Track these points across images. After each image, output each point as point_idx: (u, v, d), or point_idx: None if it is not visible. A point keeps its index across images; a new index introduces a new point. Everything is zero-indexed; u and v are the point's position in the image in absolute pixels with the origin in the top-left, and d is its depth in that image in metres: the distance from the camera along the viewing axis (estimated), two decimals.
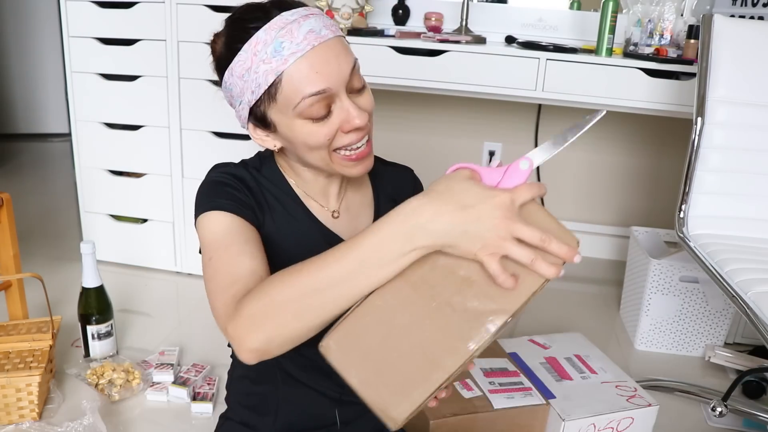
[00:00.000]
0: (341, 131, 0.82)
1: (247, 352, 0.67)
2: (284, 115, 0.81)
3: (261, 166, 0.94)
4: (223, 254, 0.78)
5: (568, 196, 2.60)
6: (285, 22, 0.78)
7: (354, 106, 0.81)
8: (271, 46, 0.77)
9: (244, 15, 0.81)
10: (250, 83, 0.80)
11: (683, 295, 1.84)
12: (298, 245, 0.90)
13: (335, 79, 0.79)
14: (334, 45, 0.79)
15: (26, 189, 3.08)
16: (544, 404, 1.35)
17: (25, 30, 3.77)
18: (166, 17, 1.97)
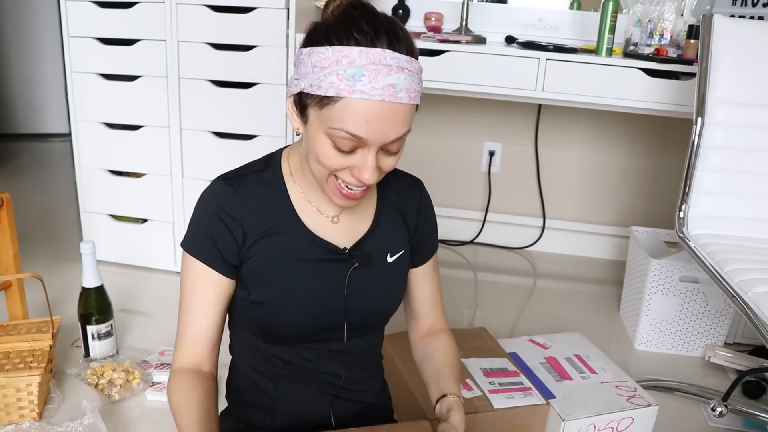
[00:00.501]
0: (350, 170, 0.84)
1: None
2: (319, 123, 0.82)
3: (264, 169, 0.95)
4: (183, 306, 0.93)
5: (568, 196, 2.60)
6: (380, 60, 0.78)
7: (373, 166, 0.83)
8: (354, 70, 0.77)
9: (361, 18, 0.80)
10: (314, 78, 0.80)
11: (683, 295, 1.84)
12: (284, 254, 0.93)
13: (377, 138, 0.80)
14: (400, 111, 0.80)
15: (26, 189, 3.08)
16: (544, 404, 1.35)
17: (25, 30, 3.78)
18: (166, 17, 1.97)
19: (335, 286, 0.94)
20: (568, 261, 2.58)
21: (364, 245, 0.96)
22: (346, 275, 0.94)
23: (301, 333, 0.95)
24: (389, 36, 0.79)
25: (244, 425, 1.03)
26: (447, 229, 2.65)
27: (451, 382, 1.00)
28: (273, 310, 0.92)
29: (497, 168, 2.60)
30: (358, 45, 0.78)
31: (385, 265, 0.98)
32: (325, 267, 0.93)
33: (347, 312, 0.95)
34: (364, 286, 0.96)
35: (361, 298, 0.96)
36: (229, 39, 1.97)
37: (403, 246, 1.01)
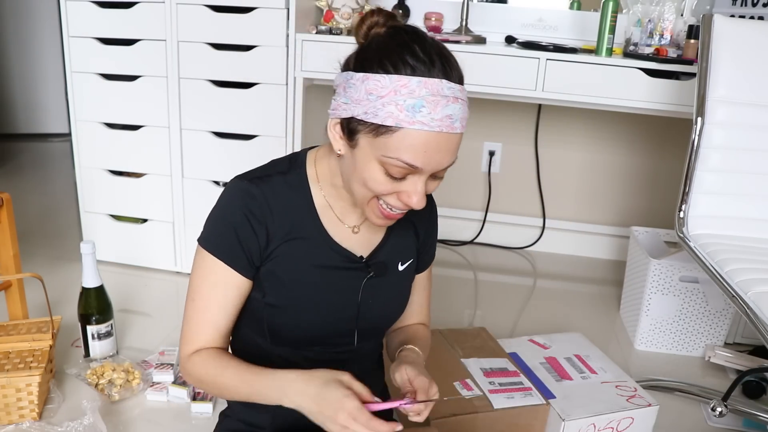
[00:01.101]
0: (397, 195, 0.84)
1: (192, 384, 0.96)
2: (370, 149, 0.81)
3: (288, 170, 0.94)
4: (203, 307, 0.93)
5: (568, 196, 2.60)
6: (438, 90, 0.78)
7: (423, 191, 0.84)
8: (413, 101, 0.77)
9: (414, 43, 0.80)
10: (369, 106, 0.79)
11: (683, 295, 1.84)
12: (304, 258, 0.93)
13: (431, 167, 0.81)
14: (454, 140, 0.81)
15: (26, 189, 3.08)
16: (544, 404, 1.35)
17: (25, 30, 3.78)
18: (166, 17, 1.97)
19: (349, 294, 0.96)
20: (568, 261, 2.58)
21: (379, 254, 0.98)
22: (360, 283, 0.96)
23: (312, 336, 0.96)
24: (443, 64, 0.80)
25: (243, 425, 1.03)
26: (447, 229, 2.65)
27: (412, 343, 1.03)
28: (287, 314, 0.93)
29: (497, 168, 2.60)
30: (414, 73, 0.78)
31: (397, 273, 1.01)
32: (341, 274, 0.95)
33: (359, 319, 0.97)
34: (377, 294, 0.98)
35: (372, 306, 0.98)
36: (229, 39, 1.97)
37: (412, 255, 1.03)
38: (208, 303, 0.92)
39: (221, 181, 2.11)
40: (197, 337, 0.93)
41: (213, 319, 0.92)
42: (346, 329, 0.97)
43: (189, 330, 0.93)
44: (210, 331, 0.93)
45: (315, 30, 2.02)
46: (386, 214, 0.87)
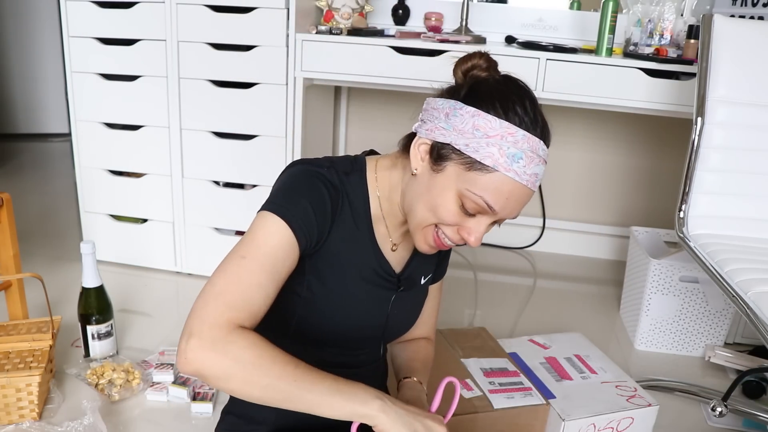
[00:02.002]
0: (458, 229, 0.87)
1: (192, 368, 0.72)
2: (456, 179, 0.84)
3: (351, 172, 0.94)
4: (255, 269, 0.79)
5: (568, 196, 2.60)
6: (536, 149, 0.82)
7: (483, 232, 0.87)
8: (515, 150, 0.81)
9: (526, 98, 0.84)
10: (473, 141, 0.82)
11: (683, 295, 1.84)
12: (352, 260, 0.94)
13: (505, 213, 0.85)
14: (528, 196, 0.85)
15: (26, 189, 3.08)
16: (544, 404, 1.35)
17: (25, 30, 3.77)
18: (166, 17, 1.97)
19: (380, 304, 0.99)
20: (568, 261, 2.58)
21: (409, 269, 1.01)
22: (391, 296, 0.99)
23: (336, 339, 0.97)
24: (544, 126, 0.84)
25: (246, 421, 1.03)
26: None
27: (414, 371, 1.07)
28: (321, 312, 0.93)
29: None
30: (521, 126, 0.82)
31: (420, 287, 1.05)
32: (378, 285, 0.97)
33: (386, 329, 1.01)
34: (403, 306, 1.02)
35: (397, 317, 1.01)
36: (229, 39, 1.97)
37: (432, 269, 1.08)
38: (263, 264, 0.80)
39: (221, 181, 2.11)
40: (245, 302, 0.77)
41: (265, 284, 0.79)
42: (369, 337, 1.01)
43: (233, 291, 0.77)
44: (261, 298, 0.78)
45: (315, 30, 2.02)
46: (438, 243, 0.89)
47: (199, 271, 2.18)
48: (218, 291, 0.76)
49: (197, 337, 0.72)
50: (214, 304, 0.75)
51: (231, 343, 0.72)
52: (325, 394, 0.75)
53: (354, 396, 0.76)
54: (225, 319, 0.74)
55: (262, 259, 0.80)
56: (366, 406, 0.76)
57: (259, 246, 0.81)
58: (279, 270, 0.81)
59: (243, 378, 0.73)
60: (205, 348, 0.72)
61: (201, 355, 0.72)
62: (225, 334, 0.73)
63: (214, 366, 0.72)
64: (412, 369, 1.08)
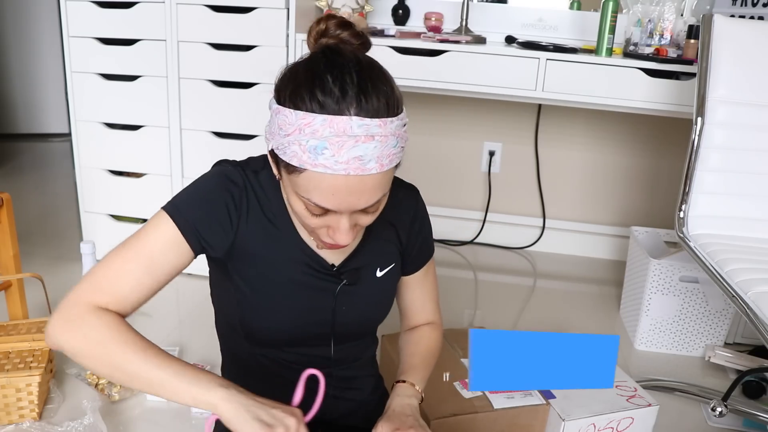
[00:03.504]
0: (326, 229, 0.81)
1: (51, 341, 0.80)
2: (288, 184, 0.79)
3: (262, 169, 0.90)
4: (129, 258, 0.83)
5: (568, 196, 2.60)
6: (344, 130, 0.71)
7: (347, 228, 0.79)
8: (316, 142, 0.71)
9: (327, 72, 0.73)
10: (279, 142, 0.75)
11: (683, 295, 1.84)
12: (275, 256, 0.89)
13: (345, 208, 0.76)
14: (368, 181, 0.74)
15: (26, 189, 3.08)
16: (544, 404, 1.35)
17: (25, 30, 3.77)
18: (166, 17, 1.97)
19: (322, 299, 0.92)
20: (568, 261, 2.58)
21: (354, 261, 0.94)
22: (334, 290, 0.92)
23: (284, 338, 0.94)
24: (358, 96, 0.71)
25: None
26: (447, 229, 2.65)
27: (409, 370, 1.01)
28: (258, 313, 0.90)
29: (497, 168, 2.60)
30: (321, 110, 0.71)
31: (374, 279, 0.96)
32: (313, 279, 0.92)
33: (334, 325, 0.94)
34: (352, 301, 0.94)
35: (348, 313, 0.95)
36: (229, 39, 1.97)
37: (394, 259, 0.99)
38: (138, 254, 0.83)
39: None
40: (111, 285, 0.80)
41: (137, 272, 0.81)
42: (319, 333, 0.94)
43: (104, 275, 0.81)
44: (130, 285, 0.81)
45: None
46: (328, 244, 0.83)
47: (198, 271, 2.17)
48: (90, 274, 0.82)
49: (58, 314, 0.79)
50: (81, 285, 0.81)
51: (84, 321, 0.77)
52: (170, 377, 0.75)
53: (197, 382, 0.75)
54: (85, 300, 0.79)
55: (138, 248, 0.84)
56: (209, 393, 0.74)
57: (140, 238, 0.85)
58: (155, 262, 0.83)
59: (91, 355, 0.77)
60: (61, 325, 0.78)
61: (57, 330, 0.78)
62: (81, 312, 0.78)
63: (68, 342, 0.78)
64: (411, 366, 1.02)
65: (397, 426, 0.88)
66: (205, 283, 0.99)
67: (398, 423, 0.89)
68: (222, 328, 1.02)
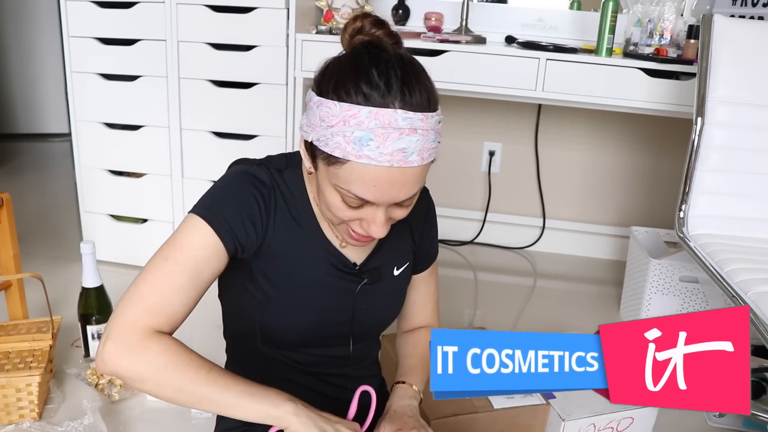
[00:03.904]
0: (360, 222, 0.81)
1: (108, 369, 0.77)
2: (326, 175, 0.78)
3: (285, 168, 0.90)
4: (175, 273, 0.80)
5: (568, 196, 2.60)
6: (390, 122, 0.71)
7: (383, 221, 0.79)
8: (361, 133, 0.72)
9: (372, 66, 0.74)
10: (321, 134, 0.75)
11: (683, 295, 1.84)
12: (300, 256, 0.90)
13: (385, 200, 0.77)
14: (410, 174, 0.75)
15: (26, 189, 3.08)
16: (544, 404, 1.35)
17: (25, 30, 3.77)
18: (166, 17, 1.97)
19: (344, 298, 0.93)
20: (568, 261, 2.58)
21: (373, 260, 0.95)
22: (355, 289, 0.93)
23: (303, 339, 0.94)
24: (402, 90, 0.73)
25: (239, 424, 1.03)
26: (447, 229, 2.65)
27: (408, 371, 1.02)
28: (279, 313, 0.90)
29: (497, 168, 2.60)
30: (367, 102, 0.72)
31: (392, 278, 0.98)
32: (336, 278, 0.92)
33: (353, 324, 0.95)
34: (372, 300, 0.95)
35: (367, 311, 0.96)
36: (229, 39, 1.97)
37: (408, 258, 1.00)
38: (184, 268, 0.80)
39: None
40: (163, 306, 0.78)
41: (185, 287, 0.80)
42: (339, 333, 0.95)
43: (154, 296, 0.78)
44: (180, 301, 0.79)
45: (315, 30, 2.02)
46: (357, 237, 0.84)
47: None
48: (138, 295, 0.79)
49: (113, 341, 0.76)
50: (132, 308, 0.78)
51: (145, 348, 0.76)
52: (238, 397, 0.76)
53: (266, 398, 0.77)
54: (142, 324, 0.77)
55: (183, 261, 0.81)
56: (278, 408, 0.77)
57: (181, 248, 0.82)
58: (201, 273, 0.81)
59: (156, 381, 0.76)
60: (120, 352, 0.76)
61: (116, 358, 0.76)
62: (140, 339, 0.76)
63: (129, 369, 0.76)
64: (410, 368, 1.03)
65: (399, 427, 0.89)
66: None
67: (400, 424, 0.90)
68: (232, 329, 1.02)
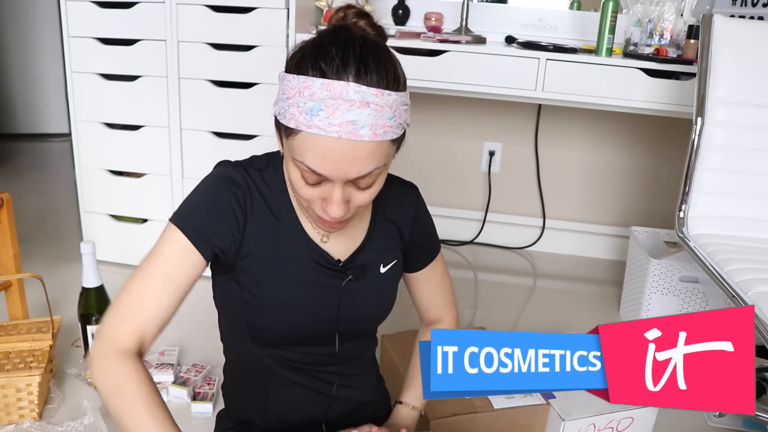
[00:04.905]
0: (321, 203, 0.81)
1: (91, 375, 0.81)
2: (287, 150, 0.80)
3: (266, 167, 0.91)
4: (146, 280, 0.84)
5: (568, 196, 2.60)
6: (340, 94, 0.72)
7: (340, 200, 0.78)
8: (312, 104, 0.73)
9: (332, 44, 0.75)
10: (281, 107, 0.78)
11: (683, 295, 1.84)
12: (282, 254, 0.90)
13: (336, 174, 0.76)
14: (362, 148, 0.74)
15: (26, 189, 3.08)
16: (544, 404, 1.35)
17: (25, 30, 3.77)
18: (166, 17, 1.97)
19: (328, 296, 0.93)
20: (568, 261, 2.58)
21: (358, 257, 0.95)
22: (340, 286, 0.93)
23: (290, 337, 0.94)
24: (358, 66, 0.73)
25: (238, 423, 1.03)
26: (447, 229, 2.65)
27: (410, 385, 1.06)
28: (264, 312, 0.91)
29: (497, 168, 2.60)
30: (322, 76, 0.73)
31: (378, 276, 0.97)
32: (319, 275, 0.92)
33: (339, 321, 0.94)
34: (357, 297, 0.95)
35: (353, 309, 0.95)
36: (229, 39, 1.97)
37: (396, 256, 1.00)
38: (154, 274, 0.84)
39: None
40: (133, 312, 0.82)
41: (156, 293, 0.83)
42: (325, 330, 0.95)
43: (126, 303, 0.83)
44: (151, 307, 0.82)
45: (315, 30, 2.02)
46: (324, 222, 0.84)
47: None
48: (115, 302, 0.84)
49: (93, 348, 0.81)
50: (107, 318, 0.83)
51: (109, 363, 0.79)
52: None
53: None
54: (114, 333, 0.81)
55: (154, 269, 0.84)
56: None
57: (154, 257, 0.85)
58: (175, 279, 0.84)
59: (105, 398, 0.80)
60: (93, 359, 0.81)
61: (91, 364, 0.81)
62: (108, 351, 0.80)
63: (96, 379, 0.80)
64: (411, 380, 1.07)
65: None
66: (205, 283, 0.99)
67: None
68: (226, 329, 1.02)
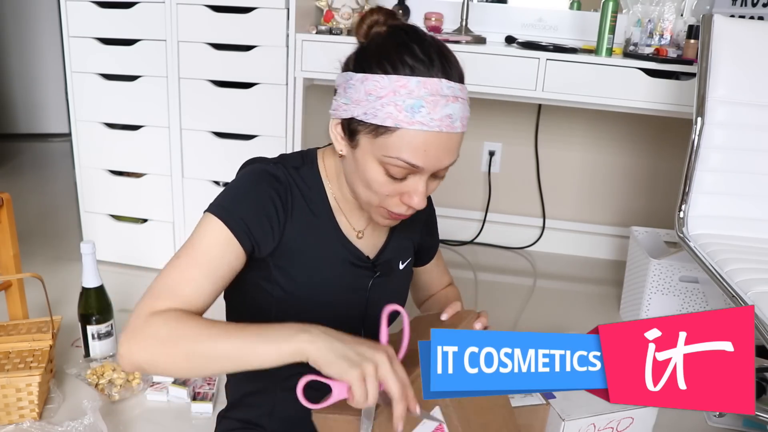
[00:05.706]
0: (399, 197, 0.84)
1: (126, 362, 0.75)
2: (371, 149, 0.81)
3: (301, 165, 0.93)
4: (184, 265, 0.81)
5: (568, 196, 2.60)
6: (438, 90, 0.78)
7: (424, 191, 0.84)
8: (412, 101, 0.77)
9: (414, 42, 0.80)
10: (369, 107, 0.79)
11: (683, 295, 1.84)
12: (318, 252, 0.92)
13: (432, 165, 0.81)
14: (455, 139, 0.81)
15: (26, 189, 3.08)
16: (544, 404, 1.35)
17: (25, 30, 3.77)
18: (166, 17, 1.97)
19: (357, 292, 0.96)
20: (568, 261, 2.58)
21: (384, 254, 1.00)
22: (368, 284, 0.97)
23: None
24: (443, 63, 0.80)
25: (242, 424, 1.03)
26: (447, 229, 2.65)
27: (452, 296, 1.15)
28: (297, 308, 0.91)
29: (497, 168, 2.60)
30: (413, 73, 0.78)
31: (398, 273, 1.02)
32: (352, 273, 0.95)
33: (365, 318, 0.98)
34: (381, 292, 0.98)
35: (377, 305, 0.96)
36: (229, 39, 1.97)
37: (411, 253, 1.05)
38: (196, 260, 0.81)
39: (221, 181, 2.11)
40: (171, 290, 0.79)
41: (197, 277, 0.80)
42: (352, 327, 0.96)
43: (163, 285, 0.79)
44: (191, 288, 0.79)
45: (315, 30, 2.02)
46: (393, 216, 0.87)
47: None
48: (149, 288, 0.80)
49: (123, 334, 0.76)
50: (141, 301, 0.78)
51: (147, 326, 0.75)
52: (249, 343, 0.71)
53: (276, 336, 0.71)
54: (146, 311, 0.77)
55: (194, 255, 0.82)
56: (291, 341, 0.70)
57: (193, 245, 0.83)
58: (214, 265, 0.82)
59: (165, 352, 0.74)
60: (128, 341, 0.75)
61: (126, 348, 0.75)
62: (143, 321, 0.76)
63: (140, 352, 0.74)
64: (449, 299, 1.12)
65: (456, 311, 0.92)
66: None
67: None
68: None
